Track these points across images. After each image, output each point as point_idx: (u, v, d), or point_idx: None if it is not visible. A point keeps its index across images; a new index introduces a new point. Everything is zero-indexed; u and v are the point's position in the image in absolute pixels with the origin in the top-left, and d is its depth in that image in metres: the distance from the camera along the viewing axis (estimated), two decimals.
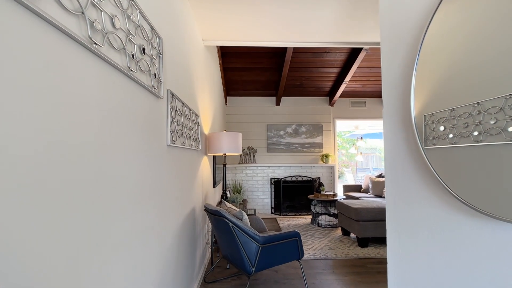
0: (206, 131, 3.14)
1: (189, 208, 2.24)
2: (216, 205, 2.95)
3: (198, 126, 2.54)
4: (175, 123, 1.75)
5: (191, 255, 2.27)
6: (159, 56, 1.45)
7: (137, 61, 1.16)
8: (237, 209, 2.26)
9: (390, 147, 1.27)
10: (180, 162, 1.89)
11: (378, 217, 3.66)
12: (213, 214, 2.21)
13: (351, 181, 9.58)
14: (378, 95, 6.38)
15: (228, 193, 3.70)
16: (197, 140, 2.50)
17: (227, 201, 3.01)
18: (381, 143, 13.16)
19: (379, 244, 3.77)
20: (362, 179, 8.92)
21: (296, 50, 4.74)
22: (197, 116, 2.51)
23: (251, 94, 6.08)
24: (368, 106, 6.48)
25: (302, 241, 3.93)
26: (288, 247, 2.31)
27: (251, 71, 5.27)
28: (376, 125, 7.72)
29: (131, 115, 1.13)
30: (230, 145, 2.94)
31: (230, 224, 2.07)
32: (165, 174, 1.57)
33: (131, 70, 1.10)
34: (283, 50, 4.71)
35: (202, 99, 2.92)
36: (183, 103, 1.95)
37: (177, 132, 1.77)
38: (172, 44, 1.77)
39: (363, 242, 3.67)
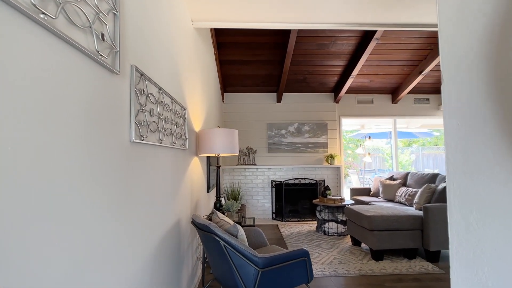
0: (197, 128, 2.71)
1: (172, 221, 1.80)
2: (208, 216, 2.51)
3: (185, 121, 2.11)
4: (147, 113, 1.32)
5: (174, 278, 1.82)
6: (113, 13, 1.01)
7: (61, 3, 0.73)
8: (232, 223, 1.82)
9: (457, 140, 0.83)
10: (155, 164, 1.46)
11: (394, 226, 3.22)
12: (201, 229, 1.78)
13: (356, 184, 9.12)
14: (386, 90, 5.95)
15: (222, 199, 3.26)
16: (184, 137, 2.06)
17: (221, 211, 2.57)
18: (384, 143, 12.73)
19: (395, 257, 3.33)
20: (368, 181, 8.48)
21: (299, 40, 4.30)
22: (183, 108, 2.07)
23: (250, 90, 5.64)
24: (376, 103, 6.05)
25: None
26: (295, 270, 1.87)
27: (250, 65, 4.84)
28: (383, 124, 7.28)
29: (51, 91, 0.70)
30: (225, 144, 2.50)
31: (222, 242, 1.63)
32: (127, 181, 1.13)
33: (44, 13, 0.66)
34: (285, 41, 4.28)
35: (191, 90, 2.49)
36: (160, 89, 1.51)
37: (148, 125, 1.33)
38: (143, 7, 1.34)
39: (377, 255, 3.22)
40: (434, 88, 5.98)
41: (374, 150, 11.81)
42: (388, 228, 3.21)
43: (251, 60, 4.72)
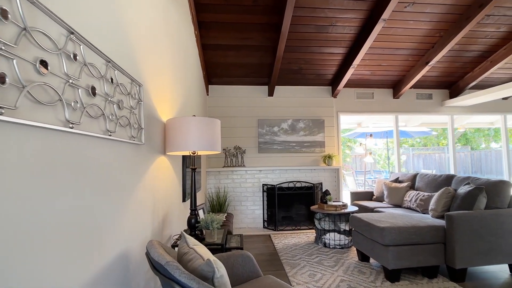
0: (166, 117, 2.05)
1: (112, 254, 1.15)
2: (174, 242, 1.86)
3: (139, 103, 1.45)
4: (23, 63, 0.66)
5: None
6: None
7: None
8: (206, 256, 1.17)
9: None
10: (57, 166, 0.80)
11: (414, 239, 2.64)
12: (157, 270, 1.12)
13: (351, 186, 8.60)
14: (388, 84, 5.43)
15: (201, 212, 2.58)
16: (136, 126, 1.40)
17: (197, 229, 1.91)
18: (373, 144, 12.33)
19: (413, 276, 2.75)
20: (365, 184, 7.95)
21: (296, 21, 3.70)
22: (136, 84, 1.42)
23: (238, 82, 5.00)
24: (376, 98, 5.51)
25: (308, 272, 2.87)
26: None
27: (238, 51, 4.20)
28: (383, 121, 6.77)
29: None
30: (202, 138, 1.86)
31: None
32: None
33: None
34: (278, 21, 3.67)
35: (155, 66, 1.83)
36: (73, 32, 0.86)
37: (25, 86, 0.67)
38: None
39: (393, 275, 2.63)
40: (438, 82, 5.50)
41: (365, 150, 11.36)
42: (406, 242, 2.63)
43: (239, 45, 4.08)
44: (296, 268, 2.97)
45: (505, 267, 2.96)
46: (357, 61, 4.32)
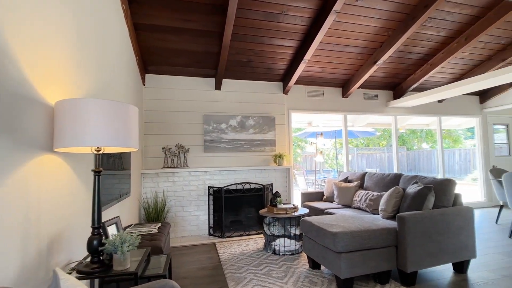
0: (55, 100, 1.48)
1: None
2: (69, 272, 1.32)
3: None
4: None
5: None
6: None
7: None
8: None
9: None
10: None
11: (367, 244, 2.44)
12: None
13: (302, 185, 8.57)
14: (337, 83, 5.38)
15: (111, 230, 2.01)
16: None
17: (101, 255, 1.40)
18: (320, 144, 12.69)
19: (365, 283, 2.57)
20: (314, 183, 7.96)
21: (243, 4, 3.33)
22: None
23: (180, 72, 4.45)
24: (327, 97, 5.44)
25: (255, 287, 2.50)
26: None
27: (180, 35, 3.67)
28: (332, 121, 6.79)
29: None
30: (108, 129, 1.35)
31: None
32: None
33: None
34: (225, 4, 3.25)
35: (32, 25, 1.27)
36: None
37: None
38: None
39: (346, 284, 2.41)
40: (384, 83, 5.64)
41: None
42: (359, 248, 2.42)
43: (180, 28, 3.56)
44: (241, 283, 2.58)
45: (449, 265, 2.97)
46: (308, 55, 4.11)
